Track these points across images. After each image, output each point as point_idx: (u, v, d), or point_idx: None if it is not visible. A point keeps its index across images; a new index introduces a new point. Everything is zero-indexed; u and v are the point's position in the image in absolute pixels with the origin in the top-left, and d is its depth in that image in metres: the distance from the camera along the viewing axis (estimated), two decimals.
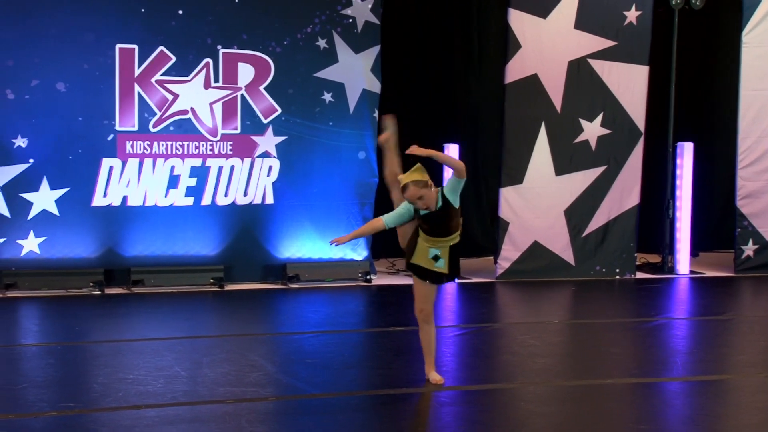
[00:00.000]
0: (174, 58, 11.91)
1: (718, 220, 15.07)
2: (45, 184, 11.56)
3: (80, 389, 7.87)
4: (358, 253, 12.68)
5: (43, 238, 11.62)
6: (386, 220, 7.89)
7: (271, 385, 8.11)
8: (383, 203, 12.92)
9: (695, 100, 14.92)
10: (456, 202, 7.78)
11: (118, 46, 11.71)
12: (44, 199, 11.59)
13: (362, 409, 7.61)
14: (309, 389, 7.93)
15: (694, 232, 13.99)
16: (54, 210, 11.62)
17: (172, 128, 11.98)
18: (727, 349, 9.93)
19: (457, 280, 7.87)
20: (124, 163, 11.83)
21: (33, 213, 11.56)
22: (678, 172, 13.82)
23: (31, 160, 11.50)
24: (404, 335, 9.89)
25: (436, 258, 7.86)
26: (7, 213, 11.47)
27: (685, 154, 13.77)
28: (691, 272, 13.78)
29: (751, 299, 12.73)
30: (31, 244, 11.58)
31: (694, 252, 14.28)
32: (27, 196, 11.52)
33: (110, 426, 6.96)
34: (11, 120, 11.39)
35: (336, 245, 7.87)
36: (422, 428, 7.12)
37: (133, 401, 7.48)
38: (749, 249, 13.75)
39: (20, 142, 11.43)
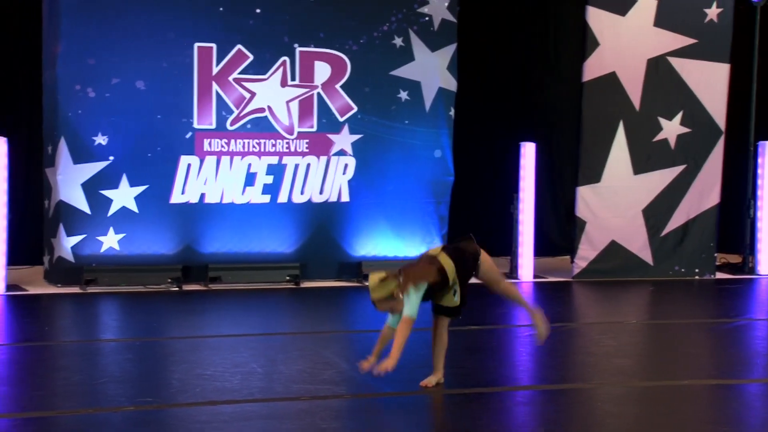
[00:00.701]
0: (251, 57, 11.99)
1: None
2: (124, 181, 11.70)
3: (158, 385, 7.96)
4: None
5: (123, 235, 11.75)
6: (412, 314, 7.56)
7: (345, 383, 8.14)
8: (459, 202, 12.94)
9: None
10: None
11: (196, 45, 11.82)
12: (124, 196, 11.72)
13: (435, 408, 7.61)
14: (382, 387, 7.94)
15: None
16: (133, 207, 11.76)
17: (249, 126, 12.06)
18: None
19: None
20: (201, 161, 11.93)
21: (113, 210, 11.70)
22: (759, 171, 13.63)
23: (111, 158, 11.63)
24: (479, 334, 9.87)
25: (455, 293, 7.81)
26: (87, 210, 11.62)
27: (767, 153, 13.57)
28: None
29: None
30: (110, 241, 11.72)
31: None
32: (107, 193, 11.67)
33: (187, 421, 7.04)
34: (92, 118, 11.54)
35: (385, 374, 7.54)
36: (497, 427, 7.10)
37: (209, 397, 7.55)
38: None
39: (100, 139, 11.58)
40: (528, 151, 12.88)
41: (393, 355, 7.46)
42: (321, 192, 12.33)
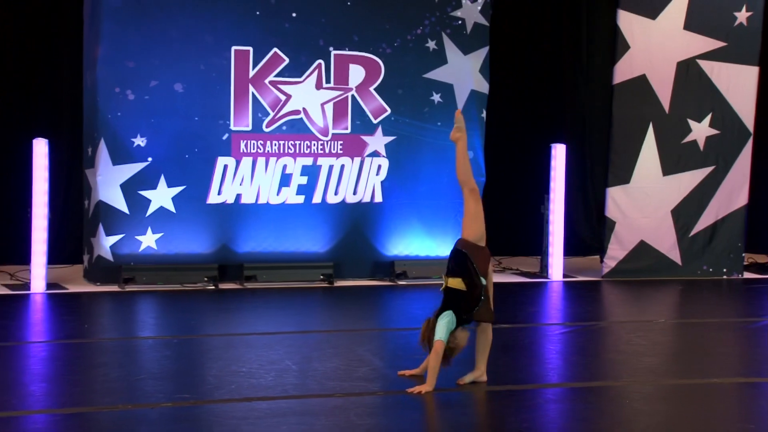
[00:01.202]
0: (287, 60, 12.00)
1: None
2: (162, 182, 11.73)
3: (195, 381, 7.98)
4: None
5: (160, 234, 11.79)
6: (443, 337, 7.72)
7: (379, 380, 8.13)
8: (490, 202, 12.91)
9: None
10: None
11: (233, 48, 11.84)
12: (162, 196, 11.76)
13: (468, 405, 7.59)
14: (415, 384, 7.92)
15: None
16: (171, 207, 11.79)
17: (284, 128, 12.08)
18: None
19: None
20: (238, 162, 11.95)
21: (151, 210, 11.74)
22: None
23: (150, 159, 11.68)
24: (511, 332, 9.84)
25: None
26: (126, 210, 11.66)
27: None
28: None
29: None
30: (148, 240, 11.76)
31: None
32: (145, 193, 11.71)
33: (223, 417, 7.04)
34: (131, 120, 11.58)
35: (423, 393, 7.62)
36: (528, 424, 7.07)
37: (245, 394, 7.56)
38: None
39: (139, 141, 11.62)
40: (559, 153, 12.84)
41: (429, 381, 7.60)
42: (355, 192, 12.33)
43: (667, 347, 9.65)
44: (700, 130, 12.96)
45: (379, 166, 12.37)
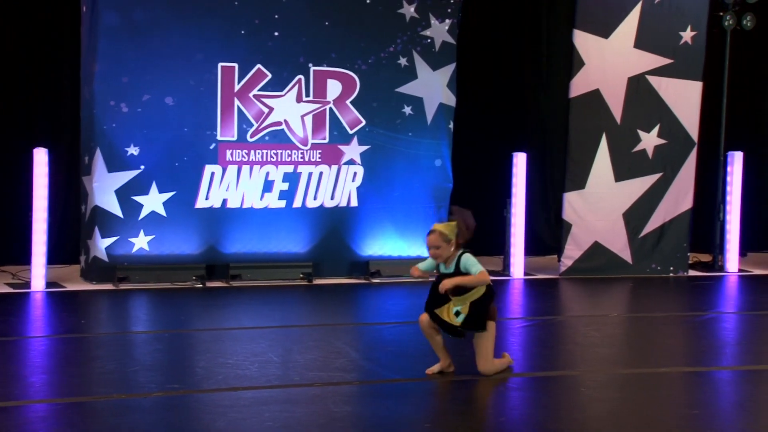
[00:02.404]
0: (270, 75, 11.98)
1: (765, 222, 14.81)
2: (154, 188, 11.69)
3: (184, 372, 7.96)
4: None
5: (152, 237, 11.74)
6: (421, 267, 7.86)
7: (355, 371, 8.13)
8: (457, 206, 12.91)
9: (745, 112, 14.67)
10: (473, 271, 7.65)
11: (220, 65, 11.81)
12: (153, 201, 11.71)
13: (437, 393, 7.60)
14: (389, 374, 7.94)
15: (743, 234, 13.76)
16: (162, 211, 11.75)
17: (267, 138, 12.05)
18: None
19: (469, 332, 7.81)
20: (224, 170, 11.92)
21: (143, 214, 11.69)
22: (728, 178, 13.61)
23: (142, 167, 11.63)
24: None
25: (457, 314, 7.77)
26: (120, 214, 11.61)
27: (735, 162, 13.56)
28: (740, 270, 13.55)
29: None
30: (141, 242, 11.71)
31: (743, 252, 14.05)
32: (138, 198, 11.66)
33: (211, 405, 7.03)
34: (125, 130, 11.53)
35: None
36: (493, 410, 7.09)
37: (231, 384, 7.55)
38: None
39: (133, 150, 11.57)
40: (520, 161, 12.87)
41: (455, 280, 7.60)
42: (332, 198, 12.31)
43: (619, 339, 9.68)
44: (649, 140, 13.01)
45: (355, 173, 12.36)
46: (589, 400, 7.42)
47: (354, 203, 12.38)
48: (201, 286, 11.76)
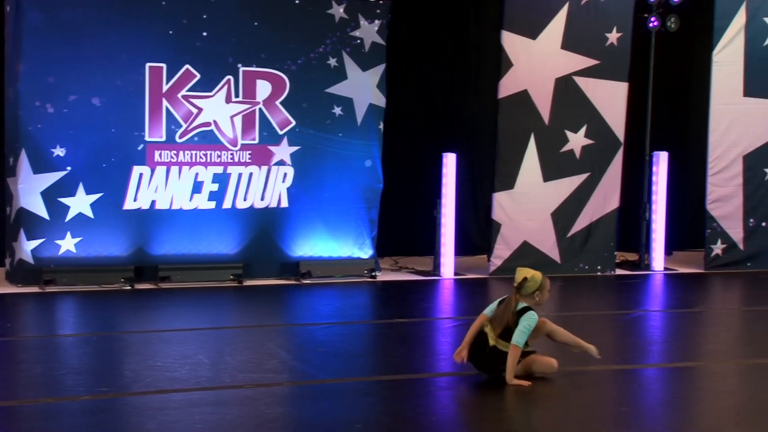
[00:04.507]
0: (198, 76, 11.90)
1: (690, 222, 15.03)
2: (81, 190, 11.55)
3: (113, 375, 7.87)
4: (364, 251, 12.66)
5: (79, 239, 11.60)
6: (520, 342, 7.70)
7: (287, 372, 8.10)
8: (387, 207, 12.95)
9: (670, 113, 14.89)
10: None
11: (148, 65, 11.70)
12: (80, 203, 11.57)
13: (369, 394, 7.60)
14: (321, 375, 7.92)
15: (669, 233, 13.97)
16: (89, 213, 11.61)
17: (196, 139, 11.97)
18: (698, 338, 9.92)
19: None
20: (152, 171, 11.81)
21: (70, 216, 11.54)
22: (654, 178, 13.81)
23: (69, 168, 11.48)
24: (406, 326, 9.88)
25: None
26: (46, 216, 11.45)
27: (661, 162, 13.76)
28: (666, 269, 13.75)
29: (720, 294, 12.72)
30: (68, 244, 11.56)
31: (669, 251, 14.26)
32: (64, 200, 11.51)
33: (140, 409, 6.96)
34: (51, 131, 11.37)
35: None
36: (424, 410, 7.11)
37: (161, 386, 7.48)
38: (718, 248, 13.72)
39: (59, 151, 11.41)
40: (450, 161, 12.92)
41: (509, 373, 7.58)
42: (262, 198, 12.26)
43: (547, 338, 9.74)
44: (577, 141, 13.15)
45: (285, 174, 12.32)
46: (518, 399, 7.46)
47: (284, 204, 12.34)
48: (129, 288, 11.63)
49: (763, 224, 13.79)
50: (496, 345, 7.72)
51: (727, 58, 13.48)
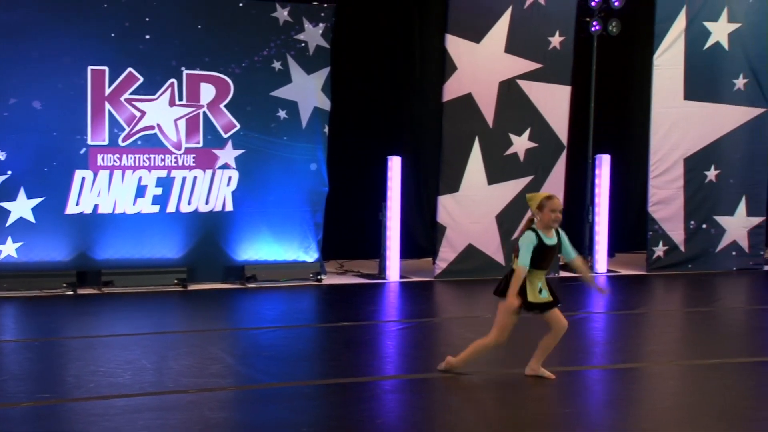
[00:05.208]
0: (141, 79, 11.81)
1: (632, 224, 15.18)
2: (22, 194, 11.42)
3: (55, 381, 7.79)
4: (309, 255, 12.63)
5: (20, 243, 11.46)
6: (524, 263, 7.82)
7: (231, 376, 8.07)
8: (333, 210, 12.94)
9: (612, 116, 15.03)
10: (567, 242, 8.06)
11: (90, 68, 11.59)
12: (21, 207, 11.44)
13: (314, 397, 7.59)
14: (265, 379, 7.90)
15: (611, 235, 14.10)
16: (30, 217, 11.48)
17: (139, 142, 11.88)
18: (641, 339, 10.03)
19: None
20: (95, 175, 11.71)
21: (11, 220, 11.41)
22: (597, 181, 13.94)
23: (9, 172, 11.35)
24: (352, 329, 9.88)
25: (540, 290, 7.89)
26: None
27: (603, 165, 13.89)
28: (609, 271, 13.89)
29: (662, 295, 12.86)
30: (9, 249, 11.42)
31: (611, 253, 14.39)
32: (5, 204, 11.37)
33: (82, 415, 6.89)
34: None
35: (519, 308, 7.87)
36: (369, 413, 7.11)
37: (103, 392, 7.41)
38: (659, 250, 13.88)
39: None
40: (395, 164, 12.95)
41: (510, 294, 7.79)
42: (207, 202, 12.20)
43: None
44: (521, 144, 13.23)
45: (230, 178, 12.27)
46: (463, 402, 7.50)
47: (229, 208, 12.29)
48: (72, 293, 11.52)
49: (704, 226, 13.97)
50: (513, 266, 7.92)
51: (668, 61, 13.65)
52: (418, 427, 6.89)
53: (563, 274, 13.57)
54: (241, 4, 12.16)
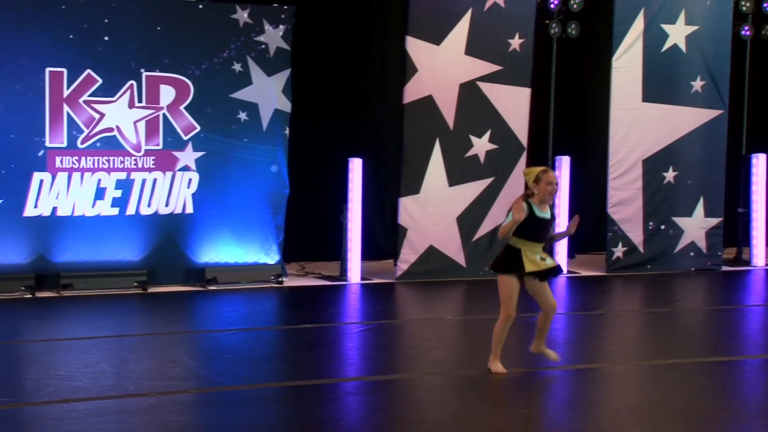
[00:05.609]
0: (100, 81, 11.74)
1: (592, 226, 15.25)
2: None
3: (13, 385, 7.72)
4: (270, 257, 12.61)
5: None
6: (508, 219, 8.11)
7: (192, 379, 8.04)
8: (294, 212, 12.92)
9: (572, 118, 15.12)
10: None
11: (48, 70, 11.51)
12: None
13: (276, 400, 7.58)
14: (227, 382, 7.88)
15: (572, 236, 14.14)
16: None
17: (98, 144, 11.80)
18: (601, 340, 10.10)
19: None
20: (53, 177, 11.62)
21: None
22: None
23: None
24: (314, 331, 9.87)
25: (543, 258, 8.15)
26: None
27: (563, 166, 13.97)
28: (569, 272, 13.96)
29: (621, 296, 12.96)
30: None
31: (571, 254, 14.48)
32: None
33: (42, 419, 6.84)
34: None
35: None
36: (330, 415, 7.11)
37: (63, 396, 7.36)
38: (619, 251, 13.98)
39: None
40: (356, 166, 12.95)
41: (503, 228, 8.11)
42: (167, 204, 12.14)
43: (454, 342, 9.84)
44: (481, 145, 13.28)
45: (190, 180, 12.22)
46: (424, 403, 7.52)
47: (189, 210, 12.23)
48: (30, 296, 11.42)
49: (662, 227, 14.09)
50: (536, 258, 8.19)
51: (626, 63, 13.75)
52: (381, 428, 6.90)
53: None
54: (200, 6, 12.13)
